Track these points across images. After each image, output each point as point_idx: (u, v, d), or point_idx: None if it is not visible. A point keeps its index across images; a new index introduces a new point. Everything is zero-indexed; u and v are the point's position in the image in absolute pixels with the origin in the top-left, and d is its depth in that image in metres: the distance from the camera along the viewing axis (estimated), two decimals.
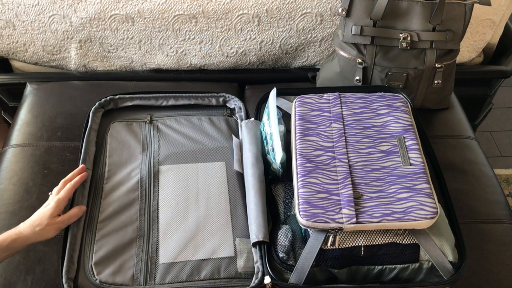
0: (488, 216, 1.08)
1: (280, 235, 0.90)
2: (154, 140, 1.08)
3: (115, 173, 1.03)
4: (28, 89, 1.32)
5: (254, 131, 1.06)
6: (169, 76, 1.43)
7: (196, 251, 0.92)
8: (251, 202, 0.95)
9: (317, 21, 1.32)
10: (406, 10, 1.13)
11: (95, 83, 1.35)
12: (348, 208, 0.84)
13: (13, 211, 1.04)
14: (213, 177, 1.02)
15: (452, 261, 0.86)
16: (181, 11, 1.29)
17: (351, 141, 0.96)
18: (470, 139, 1.25)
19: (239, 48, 1.37)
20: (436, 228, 0.88)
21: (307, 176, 0.90)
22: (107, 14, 1.30)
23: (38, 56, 1.42)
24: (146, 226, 0.95)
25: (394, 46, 1.16)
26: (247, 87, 1.37)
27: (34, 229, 0.88)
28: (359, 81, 1.20)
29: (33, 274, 0.95)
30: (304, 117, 1.00)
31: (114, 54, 1.40)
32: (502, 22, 1.44)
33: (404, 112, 1.01)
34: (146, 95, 1.17)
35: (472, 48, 1.43)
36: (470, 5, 1.13)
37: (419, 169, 0.91)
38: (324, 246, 0.85)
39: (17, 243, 0.86)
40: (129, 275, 0.89)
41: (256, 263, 0.90)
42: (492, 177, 1.16)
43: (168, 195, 0.99)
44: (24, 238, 0.87)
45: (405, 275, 0.88)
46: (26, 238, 0.87)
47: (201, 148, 1.07)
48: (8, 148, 1.18)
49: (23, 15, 1.33)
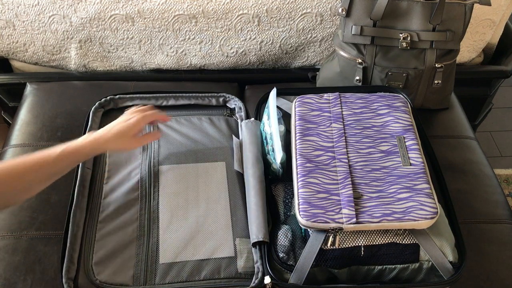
0: (488, 216, 1.08)
1: (280, 235, 0.90)
2: (154, 140, 1.08)
3: (115, 173, 1.03)
4: (28, 89, 1.32)
5: (254, 131, 1.06)
6: (169, 76, 1.43)
7: (196, 251, 0.92)
8: (251, 202, 0.95)
9: (317, 21, 1.32)
10: (406, 10, 1.13)
11: (95, 83, 1.34)
12: (348, 208, 0.85)
13: (13, 211, 1.04)
14: (213, 177, 1.02)
15: (452, 261, 0.86)
16: (181, 11, 1.29)
17: (351, 141, 0.96)
18: (470, 139, 1.25)
19: (239, 48, 1.37)
20: (436, 228, 0.88)
21: (307, 176, 0.90)
22: (107, 14, 1.30)
23: (38, 56, 1.42)
24: (146, 226, 0.95)
25: (394, 46, 1.16)
26: (247, 87, 1.37)
27: (106, 139, 0.90)
28: (359, 81, 1.20)
29: (33, 274, 0.95)
30: (304, 117, 1.00)
31: (114, 54, 1.40)
32: (502, 22, 1.44)
33: (404, 112, 1.01)
34: (146, 95, 1.17)
35: (472, 48, 1.43)
36: (470, 5, 1.13)
37: (419, 169, 0.91)
38: (324, 246, 0.85)
39: (72, 154, 0.87)
40: (129, 275, 0.89)
41: (256, 263, 0.90)
42: (492, 177, 1.16)
43: (168, 195, 0.99)
44: (85, 150, 0.89)
45: (405, 275, 0.88)
46: (86, 148, 0.89)
47: (201, 148, 1.07)
48: (8, 148, 1.18)
49: (23, 15, 1.33)
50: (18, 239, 1.00)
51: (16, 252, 0.98)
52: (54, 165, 0.85)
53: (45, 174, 0.85)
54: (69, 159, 0.88)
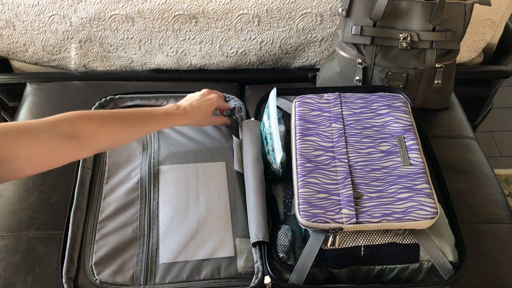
0: (488, 216, 1.08)
1: (280, 235, 0.90)
2: (154, 140, 1.08)
3: (115, 173, 1.03)
4: (28, 89, 1.32)
5: (254, 131, 1.06)
6: (169, 76, 1.43)
7: (196, 251, 0.92)
8: (251, 202, 0.95)
9: (317, 21, 1.32)
10: (406, 10, 1.13)
11: (95, 83, 1.35)
12: (348, 208, 0.85)
13: (13, 211, 1.04)
14: (213, 177, 1.02)
15: (452, 261, 0.86)
16: (181, 11, 1.29)
17: (351, 141, 0.96)
18: (470, 139, 1.25)
19: (239, 48, 1.37)
20: (436, 228, 0.88)
21: (307, 176, 0.90)
22: (107, 14, 1.30)
23: (38, 56, 1.42)
24: (146, 226, 0.95)
25: (394, 46, 1.16)
26: (247, 87, 1.37)
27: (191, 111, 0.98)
28: (359, 81, 1.20)
29: (33, 274, 0.95)
30: (304, 117, 1.00)
31: (114, 54, 1.40)
32: (502, 22, 1.44)
33: (404, 112, 1.01)
34: (147, 95, 1.17)
35: (472, 48, 1.43)
36: (470, 5, 1.13)
37: (419, 169, 0.91)
38: (324, 246, 0.85)
39: (168, 119, 0.95)
40: (129, 275, 0.89)
41: (256, 263, 0.90)
42: (492, 177, 1.16)
43: (168, 195, 0.99)
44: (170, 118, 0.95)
45: (405, 275, 0.88)
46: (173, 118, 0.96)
47: (201, 148, 1.07)
48: None
49: (23, 15, 1.33)
50: (18, 239, 1.00)
51: (16, 252, 0.98)
52: (156, 124, 0.93)
53: (144, 129, 0.93)
54: (165, 123, 0.95)
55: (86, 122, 0.81)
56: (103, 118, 0.85)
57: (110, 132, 0.85)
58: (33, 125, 0.75)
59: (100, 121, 0.84)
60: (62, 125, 0.78)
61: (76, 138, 0.79)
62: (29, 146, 0.72)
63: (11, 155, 0.70)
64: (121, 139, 0.90)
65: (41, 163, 0.75)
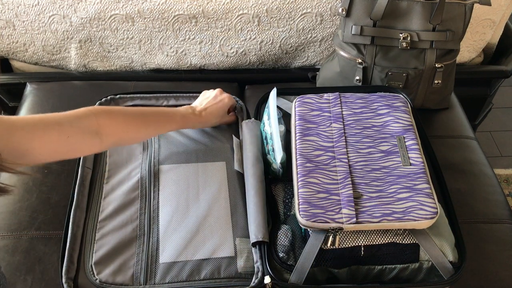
0: (488, 216, 1.08)
1: (280, 235, 0.90)
2: (155, 140, 1.08)
3: (116, 172, 1.03)
4: (28, 89, 1.32)
5: (254, 131, 1.06)
6: (169, 76, 1.43)
7: (196, 251, 0.92)
8: (251, 202, 0.95)
9: (317, 21, 1.32)
10: (406, 10, 1.13)
11: (95, 83, 1.35)
12: (348, 208, 0.85)
13: (13, 211, 1.04)
14: (213, 177, 1.02)
15: (452, 261, 0.86)
16: (181, 11, 1.29)
17: (351, 141, 0.96)
18: (470, 139, 1.25)
19: (239, 48, 1.37)
20: (436, 228, 0.88)
21: (307, 176, 0.90)
22: (107, 14, 1.30)
23: (38, 56, 1.42)
24: (146, 226, 0.95)
25: (394, 46, 1.16)
26: (247, 87, 1.37)
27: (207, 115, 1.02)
28: (359, 81, 1.20)
29: (33, 274, 0.95)
30: (304, 117, 1.00)
31: (114, 54, 1.40)
32: (502, 22, 1.44)
33: (404, 112, 1.01)
34: (147, 95, 1.17)
35: (472, 48, 1.43)
36: (470, 5, 1.13)
37: (419, 169, 0.91)
38: (324, 246, 0.85)
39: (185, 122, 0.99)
40: (129, 275, 0.89)
41: (256, 263, 0.90)
42: (492, 177, 1.16)
43: (168, 195, 0.99)
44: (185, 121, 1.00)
45: (405, 275, 0.88)
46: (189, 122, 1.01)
47: (201, 148, 1.07)
48: None
49: (23, 15, 1.33)
50: (18, 239, 1.00)
51: (16, 252, 0.98)
52: (174, 126, 0.98)
53: (161, 130, 0.97)
54: (181, 126, 1.00)
55: (110, 119, 0.83)
56: (127, 116, 0.87)
57: (130, 130, 0.88)
58: (58, 119, 0.77)
59: (123, 119, 0.86)
60: (87, 120, 0.80)
61: (98, 134, 0.81)
62: (54, 140, 0.75)
63: (35, 146, 0.72)
64: (138, 137, 0.94)
65: (61, 155, 0.79)
